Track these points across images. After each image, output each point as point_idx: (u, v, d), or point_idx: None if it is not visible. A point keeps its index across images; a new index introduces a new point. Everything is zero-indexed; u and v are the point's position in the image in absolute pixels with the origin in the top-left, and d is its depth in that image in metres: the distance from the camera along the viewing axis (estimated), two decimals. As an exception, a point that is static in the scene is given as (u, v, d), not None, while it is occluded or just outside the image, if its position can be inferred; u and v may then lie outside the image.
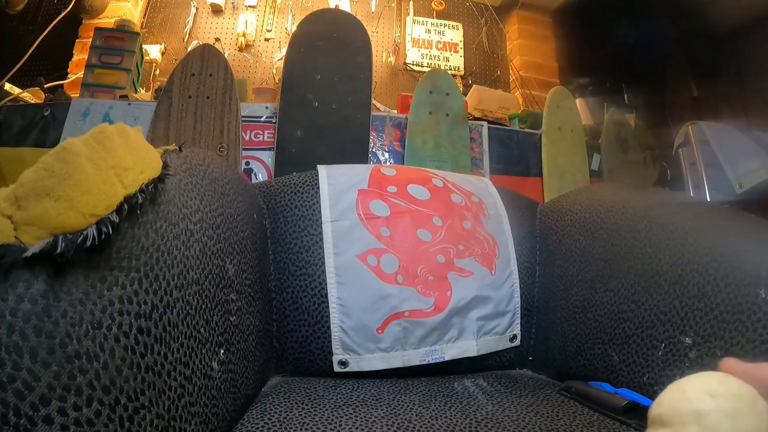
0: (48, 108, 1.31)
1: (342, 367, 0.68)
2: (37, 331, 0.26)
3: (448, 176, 0.88)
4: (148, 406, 0.33)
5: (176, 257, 0.41)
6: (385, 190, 0.79)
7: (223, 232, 0.53)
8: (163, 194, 0.41)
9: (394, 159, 1.42)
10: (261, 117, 1.37)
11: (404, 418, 0.52)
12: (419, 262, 0.72)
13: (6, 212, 0.27)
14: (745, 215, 0.58)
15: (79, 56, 1.75)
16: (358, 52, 1.40)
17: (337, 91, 1.35)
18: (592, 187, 0.94)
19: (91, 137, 0.33)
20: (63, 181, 0.29)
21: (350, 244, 0.72)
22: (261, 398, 0.57)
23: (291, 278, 0.72)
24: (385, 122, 1.44)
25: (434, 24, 2.18)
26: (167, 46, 1.93)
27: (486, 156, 1.49)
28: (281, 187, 0.80)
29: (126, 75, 1.40)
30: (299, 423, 0.49)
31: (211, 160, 0.59)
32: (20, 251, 0.26)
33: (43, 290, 0.27)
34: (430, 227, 0.76)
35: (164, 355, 0.36)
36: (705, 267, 0.53)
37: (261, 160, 1.33)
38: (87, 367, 0.28)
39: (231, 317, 0.51)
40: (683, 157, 1.60)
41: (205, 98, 1.30)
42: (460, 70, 2.14)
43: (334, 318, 0.69)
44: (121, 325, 0.32)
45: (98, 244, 0.30)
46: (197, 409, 0.40)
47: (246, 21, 1.98)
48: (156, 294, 0.36)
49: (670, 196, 0.76)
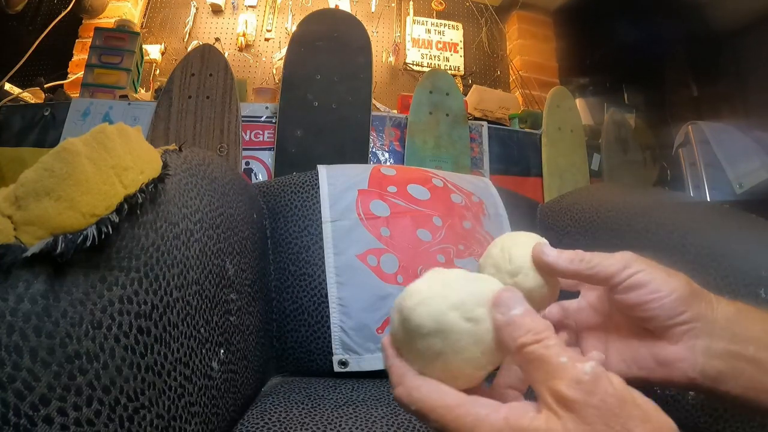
0: (48, 108, 1.30)
1: (342, 367, 0.68)
2: (37, 331, 0.26)
3: (448, 176, 0.88)
4: (148, 406, 0.33)
5: (176, 257, 0.41)
6: (385, 190, 0.79)
7: (223, 232, 0.53)
8: (163, 194, 0.41)
9: (394, 159, 1.42)
10: (261, 117, 1.37)
11: (404, 417, 0.52)
12: (419, 262, 0.72)
13: (6, 212, 0.27)
14: (745, 215, 0.58)
15: (79, 56, 1.75)
16: (358, 52, 1.40)
17: (337, 91, 1.35)
18: (592, 187, 0.94)
19: (91, 137, 0.33)
20: (63, 181, 0.29)
21: (350, 244, 0.72)
22: (261, 398, 0.57)
23: (291, 278, 0.72)
24: (385, 122, 1.44)
25: (434, 24, 2.17)
26: (167, 46, 1.93)
27: (486, 156, 1.49)
28: (281, 187, 0.80)
29: (126, 75, 1.40)
30: (299, 423, 0.49)
31: (211, 160, 0.59)
32: (20, 251, 0.26)
33: (43, 290, 0.27)
34: (430, 227, 0.76)
35: (164, 355, 0.36)
36: (705, 267, 0.53)
37: (261, 160, 1.33)
38: (87, 367, 0.28)
39: (231, 317, 0.51)
40: (683, 157, 1.60)
41: (205, 98, 1.30)
42: (460, 70, 2.14)
43: (334, 318, 0.69)
44: (121, 325, 0.32)
45: (98, 244, 0.30)
46: (197, 409, 0.40)
47: (246, 21, 1.98)
48: (156, 294, 0.36)
49: (670, 196, 0.76)
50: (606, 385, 0.19)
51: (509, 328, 0.22)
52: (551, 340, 0.21)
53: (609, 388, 0.19)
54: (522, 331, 0.22)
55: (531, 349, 0.21)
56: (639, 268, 0.27)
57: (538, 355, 0.21)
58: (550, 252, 0.29)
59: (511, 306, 0.23)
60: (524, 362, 0.22)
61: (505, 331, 0.22)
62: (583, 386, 0.19)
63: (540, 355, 0.21)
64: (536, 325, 0.22)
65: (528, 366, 0.21)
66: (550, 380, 0.20)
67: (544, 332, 0.21)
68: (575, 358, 0.20)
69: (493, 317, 0.23)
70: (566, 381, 0.20)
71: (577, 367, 0.20)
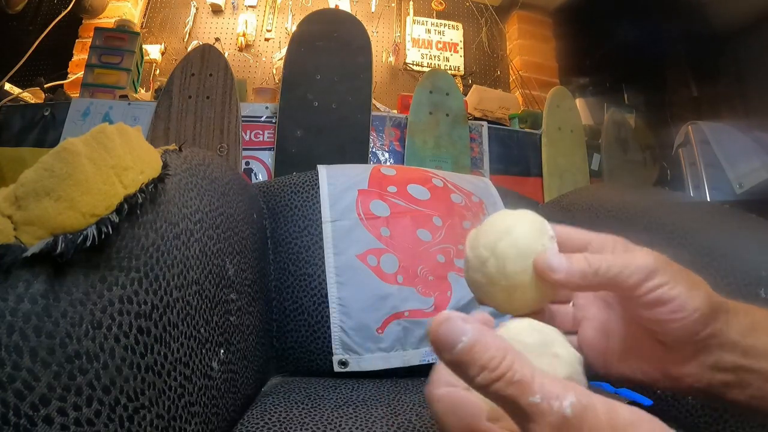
0: (48, 108, 1.30)
1: (342, 367, 0.68)
2: (37, 331, 0.26)
3: (448, 176, 0.88)
4: (148, 406, 0.33)
5: (176, 257, 0.41)
6: (385, 190, 0.79)
7: (223, 232, 0.53)
8: (163, 194, 0.41)
9: (394, 159, 1.42)
10: (261, 117, 1.37)
11: (404, 418, 0.52)
12: (419, 262, 0.72)
13: (6, 212, 0.27)
14: (745, 215, 0.58)
15: (79, 56, 1.75)
16: (358, 52, 1.40)
17: (337, 91, 1.35)
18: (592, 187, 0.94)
19: (91, 137, 0.33)
20: (63, 181, 0.29)
21: (350, 244, 0.72)
22: (261, 398, 0.57)
23: (291, 278, 0.72)
24: (385, 122, 1.44)
25: (434, 24, 2.18)
26: (167, 46, 1.93)
27: (486, 156, 1.49)
28: (281, 187, 0.80)
29: (126, 75, 1.40)
30: (299, 423, 0.49)
31: (211, 160, 0.59)
32: (20, 251, 0.26)
33: (43, 290, 0.27)
34: (430, 227, 0.76)
35: (164, 355, 0.36)
36: (705, 267, 0.53)
37: (261, 160, 1.33)
38: (87, 367, 0.28)
39: (231, 317, 0.51)
40: (683, 157, 1.60)
41: (205, 98, 1.30)
42: (460, 70, 2.14)
43: (334, 318, 0.69)
44: (121, 325, 0.32)
45: (98, 244, 0.30)
46: (197, 409, 0.40)
47: (246, 21, 1.98)
48: (156, 294, 0.36)
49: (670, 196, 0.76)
50: (591, 419, 0.16)
51: (460, 369, 0.18)
52: (514, 374, 0.17)
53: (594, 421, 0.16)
54: (476, 369, 0.18)
55: (492, 389, 0.17)
56: (662, 280, 0.24)
57: (503, 396, 0.17)
58: (559, 267, 0.25)
59: (453, 341, 0.18)
60: (494, 401, 0.18)
61: (458, 372, 0.18)
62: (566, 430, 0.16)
63: (505, 395, 0.17)
64: (490, 356, 0.17)
65: (500, 405, 0.18)
66: (527, 424, 0.17)
67: (502, 365, 0.17)
68: (550, 392, 0.17)
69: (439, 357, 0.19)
70: (545, 428, 0.17)
71: (554, 410, 0.16)
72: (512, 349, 0.18)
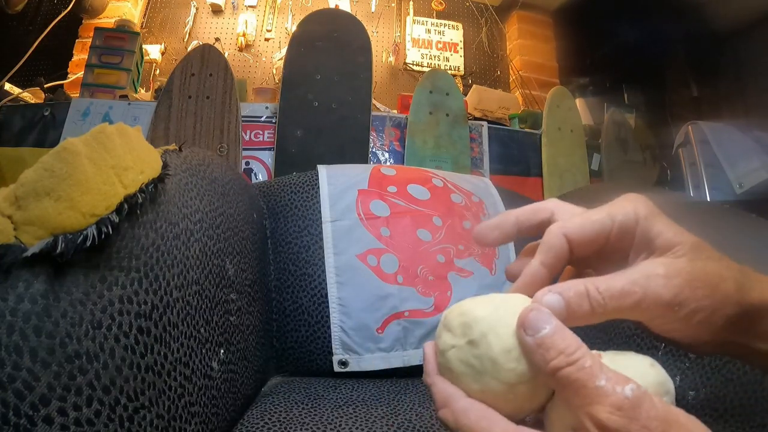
0: (48, 108, 1.30)
1: (342, 367, 0.68)
2: (37, 331, 0.26)
3: (448, 176, 0.88)
4: (148, 406, 0.33)
5: (176, 257, 0.41)
6: (385, 190, 0.79)
7: (223, 232, 0.53)
8: (163, 194, 0.41)
9: (394, 159, 1.42)
10: (261, 117, 1.37)
11: (404, 418, 0.52)
12: (419, 262, 0.72)
13: (6, 212, 0.27)
14: (745, 215, 0.58)
15: (79, 56, 1.75)
16: (358, 52, 1.40)
17: (337, 91, 1.35)
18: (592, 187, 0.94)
19: (91, 137, 0.33)
20: (63, 181, 0.29)
21: (350, 244, 0.72)
22: (261, 398, 0.57)
23: (291, 278, 0.72)
24: (385, 122, 1.44)
25: (434, 24, 2.17)
26: (167, 46, 1.93)
27: (486, 156, 1.49)
28: (281, 187, 0.80)
29: (126, 75, 1.40)
30: (299, 423, 0.49)
31: (211, 160, 0.59)
32: (20, 251, 0.26)
33: (43, 290, 0.27)
34: (430, 227, 0.76)
35: (164, 355, 0.36)
36: (705, 267, 0.53)
37: (261, 160, 1.33)
38: (87, 367, 0.28)
39: (231, 317, 0.51)
40: (683, 157, 1.60)
41: (205, 98, 1.30)
42: (460, 70, 2.14)
43: (334, 318, 0.69)
44: (121, 325, 0.32)
45: (98, 244, 0.30)
46: (197, 409, 0.40)
47: (246, 21, 1.98)
48: (156, 294, 0.36)
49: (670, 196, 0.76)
50: (648, 408, 0.18)
51: (540, 351, 0.21)
52: (586, 361, 0.20)
53: (651, 412, 0.18)
54: (553, 353, 0.20)
55: (565, 372, 0.20)
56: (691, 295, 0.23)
57: (573, 379, 0.19)
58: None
59: (538, 326, 0.21)
60: (559, 386, 0.20)
61: (536, 354, 0.21)
62: (624, 412, 0.18)
63: (575, 379, 0.19)
64: (567, 344, 0.20)
65: (564, 390, 0.20)
66: (588, 406, 0.19)
67: (577, 352, 0.20)
68: (614, 379, 0.19)
69: (521, 340, 0.22)
70: (606, 407, 0.18)
71: (617, 391, 0.18)
72: (584, 344, 0.21)
